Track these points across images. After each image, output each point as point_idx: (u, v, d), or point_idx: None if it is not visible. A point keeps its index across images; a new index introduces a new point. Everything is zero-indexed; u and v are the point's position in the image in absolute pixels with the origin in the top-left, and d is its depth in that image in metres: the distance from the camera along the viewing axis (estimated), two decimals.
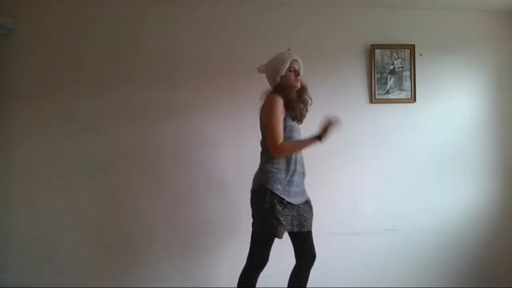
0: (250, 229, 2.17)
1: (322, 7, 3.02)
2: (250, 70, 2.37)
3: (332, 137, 3.00)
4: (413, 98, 3.06)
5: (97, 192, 2.82)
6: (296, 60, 2.20)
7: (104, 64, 2.85)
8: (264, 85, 2.27)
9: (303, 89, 2.24)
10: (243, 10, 2.96)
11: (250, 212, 2.17)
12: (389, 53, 3.06)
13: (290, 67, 2.16)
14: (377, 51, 3.05)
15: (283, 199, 2.07)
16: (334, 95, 3.00)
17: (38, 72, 2.80)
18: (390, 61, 3.06)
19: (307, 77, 2.25)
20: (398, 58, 3.06)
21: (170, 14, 2.91)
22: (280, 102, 2.10)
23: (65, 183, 2.79)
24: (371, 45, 3.04)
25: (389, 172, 3.05)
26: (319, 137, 2.15)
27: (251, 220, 2.17)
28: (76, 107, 2.81)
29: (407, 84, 3.06)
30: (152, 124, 2.87)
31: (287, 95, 2.14)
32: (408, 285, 2.98)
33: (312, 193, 2.18)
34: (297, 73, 2.19)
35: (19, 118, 2.77)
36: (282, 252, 2.26)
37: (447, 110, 3.12)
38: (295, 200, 2.12)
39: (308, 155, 2.24)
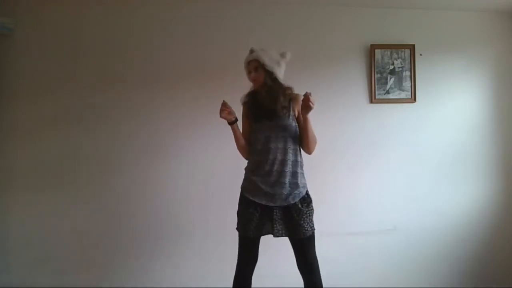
0: None
1: (322, 7, 3.02)
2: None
3: (333, 137, 3.02)
4: (413, 98, 3.06)
5: (97, 192, 2.82)
6: (250, 62, 2.14)
7: (104, 63, 2.85)
8: None
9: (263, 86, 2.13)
10: (242, 10, 2.96)
11: None
12: (389, 53, 3.05)
13: (247, 71, 2.18)
14: (377, 51, 3.04)
15: (243, 195, 2.12)
16: (334, 95, 3.01)
17: (38, 72, 2.80)
18: (390, 61, 3.06)
19: (307, 77, 2.24)
20: (398, 58, 3.06)
21: (170, 15, 2.92)
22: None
23: (65, 183, 2.79)
24: (371, 45, 3.04)
25: (389, 172, 3.04)
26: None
27: None
28: (76, 106, 2.81)
29: (407, 84, 3.06)
30: (152, 124, 2.87)
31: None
32: (408, 285, 2.98)
33: (312, 193, 2.18)
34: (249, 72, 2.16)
35: (19, 117, 2.77)
36: (281, 253, 2.26)
37: (447, 110, 3.12)
38: (260, 199, 2.06)
39: (308, 155, 2.23)
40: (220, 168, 2.88)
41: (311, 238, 2.09)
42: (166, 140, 2.87)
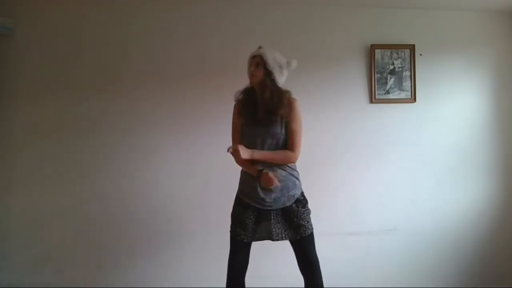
0: None
1: (322, 7, 3.02)
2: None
3: (333, 137, 3.02)
4: (413, 98, 3.06)
5: (97, 192, 2.82)
6: (254, 56, 2.09)
7: (104, 63, 2.85)
8: None
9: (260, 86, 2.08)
10: (242, 9, 2.96)
11: None
12: (389, 53, 3.05)
13: (249, 65, 2.12)
14: (377, 51, 3.04)
15: (240, 197, 2.11)
16: (334, 95, 3.01)
17: (38, 72, 2.80)
18: (390, 61, 3.06)
19: (307, 77, 2.24)
20: (398, 58, 3.06)
21: (170, 15, 2.92)
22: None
23: (65, 183, 2.79)
24: (371, 45, 3.04)
25: (389, 172, 3.04)
26: (258, 176, 2.02)
27: None
28: (76, 106, 2.81)
29: (407, 84, 3.06)
30: (151, 124, 2.87)
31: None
32: (409, 285, 2.98)
33: (313, 193, 2.18)
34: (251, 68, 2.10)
35: (19, 118, 2.77)
36: (281, 253, 2.26)
37: (447, 110, 3.12)
38: (256, 203, 2.03)
39: (308, 155, 2.23)
40: (220, 168, 2.86)
41: (311, 237, 2.09)
42: (166, 140, 2.87)
